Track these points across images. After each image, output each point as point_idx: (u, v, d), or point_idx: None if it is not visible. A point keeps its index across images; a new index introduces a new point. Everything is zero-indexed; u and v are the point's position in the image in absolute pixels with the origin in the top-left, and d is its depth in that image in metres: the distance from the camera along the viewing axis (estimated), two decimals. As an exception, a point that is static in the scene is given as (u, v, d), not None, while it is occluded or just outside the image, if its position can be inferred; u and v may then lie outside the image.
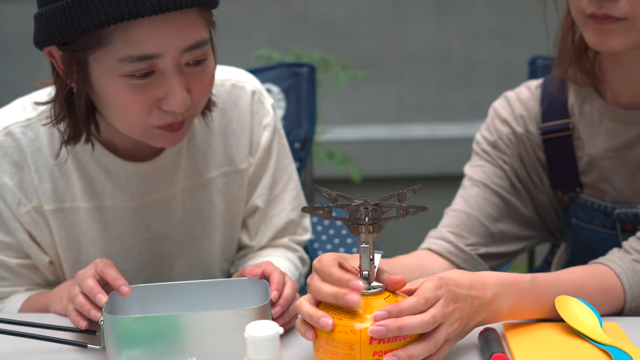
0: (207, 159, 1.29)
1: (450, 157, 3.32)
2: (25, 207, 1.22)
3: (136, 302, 1.10)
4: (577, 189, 1.33)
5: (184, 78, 1.09)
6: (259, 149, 1.32)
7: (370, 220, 0.95)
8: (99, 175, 1.24)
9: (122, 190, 1.25)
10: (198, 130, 1.28)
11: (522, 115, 1.35)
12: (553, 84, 1.34)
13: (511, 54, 3.34)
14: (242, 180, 1.33)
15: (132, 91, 1.07)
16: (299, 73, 1.79)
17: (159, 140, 1.14)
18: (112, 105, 1.10)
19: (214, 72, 1.14)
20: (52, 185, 1.22)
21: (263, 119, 1.32)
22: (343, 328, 0.92)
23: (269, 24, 3.40)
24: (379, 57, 3.41)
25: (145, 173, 1.25)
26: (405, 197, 0.98)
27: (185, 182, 1.28)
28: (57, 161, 1.21)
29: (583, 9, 1.16)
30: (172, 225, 1.30)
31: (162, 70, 1.07)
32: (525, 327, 1.09)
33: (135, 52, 1.05)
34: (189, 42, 1.07)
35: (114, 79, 1.06)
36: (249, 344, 0.85)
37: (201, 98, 1.13)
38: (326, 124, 3.13)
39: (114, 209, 1.26)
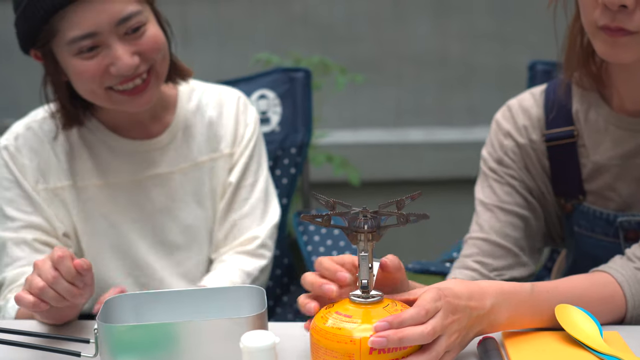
0: (200, 145, 1.47)
1: (449, 161, 3.31)
2: (43, 185, 1.40)
3: (131, 310, 1.09)
4: (580, 196, 1.32)
5: (127, 45, 1.30)
6: (243, 141, 1.49)
7: (370, 228, 0.94)
8: (106, 155, 1.43)
9: (125, 167, 1.43)
10: (192, 121, 1.48)
11: (525, 126, 1.33)
12: (558, 89, 1.32)
13: (510, 57, 3.33)
14: (225, 164, 1.49)
15: (84, 63, 1.29)
16: (294, 78, 1.78)
17: (128, 105, 1.34)
18: (74, 79, 1.32)
19: (156, 34, 1.33)
20: (68, 165, 1.41)
21: (247, 118, 1.51)
22: (342, 338, 0.91)
23: (268, 27, 3.39)
24: (378, 61, 3.40)
25: (145, 150, 1.43)
26: (403, 204, 0.97)
27: (182, 163, 1.46)
28: (71, 145, 1.42)
29: (595, 21, 1.14)
30: (173, 202, 1.45)
31: (105, 43, 1.29)
32: (525, 336, 1.07)
33: (76, 34, 1.27)
34: (118, 17, 1.28)
35: (70, 58, 1.30)
36: (244, 354, 0.84)
37: (149, 56, 1.31)
38: (325, 127, 3.12)
39: (119, 185, 1.43)
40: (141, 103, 1.34)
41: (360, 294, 0.96)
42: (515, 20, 3.34)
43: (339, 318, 0.93)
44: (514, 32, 3.34)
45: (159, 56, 1.33)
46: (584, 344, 1.03)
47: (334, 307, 0.96)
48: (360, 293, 0.96)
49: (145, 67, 1.32)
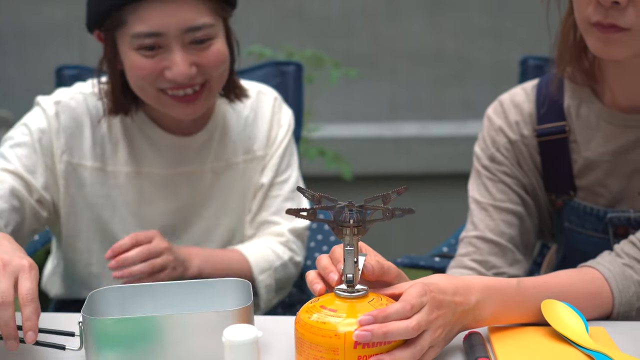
0: (235, 145, 1.49)
1: (442, 156, 3.31)
2: (67, 158, 1.40)
3: (116, 303, 1.08)
4: (571, 192, 1.32)
5: (188, 54, 1.29)
6: (275, 142, 1.51)
7: (355, 222, 0.94)
8: (142, 144, 1.43)
9: (160, 158, 1.44)
10: (230, 122, 1.49)
11: (516, 121, 1.33)
12: (550, 84, 1.32)
13: (505, 53, 3.33)
14: (257, 166, 1.51)
15: (142, 59, 1.29)
16: (285, 72, 1.78)
17: (174, 110, 1.34)
18: (129, 72, 1.32)
19: (220, 51, 1.32)
20: (100, 148, 1.42)
21: (281, 119, 1.53)
22: (327, 332, 0.91)
23: (262, 21, 3.39)
24: (373, 55, 3.40)
25: (182, 146, 1.45)
26: (389, 198, 0.96)
27: (215, 163, 1.47)
28: (110, 128, 1.42)
29: (588, 17, 1.14)
30: (199, 199, 1.46)
31: (166, 46, 1.29)
32: (510, 330, 1.07)
33: (142, 30, 1.27)
34: (189, 24, 1.28)
35: (129, 51, 1.30)
36: (226, 348, 0.84)
37: (210, 71, 1.31)
38: (318, 121, 3.12)
39: (150, 175, 1.44)
40: (187, 112, 1.34)
41: (345, 288, 0.96)
42: (509, 16, 3.34)
43: (324, 312, 0.93)
44: (508, 28, 3.34)
45: (217, 72, 1.33)
46: (570, 340, 1.03)
47: (319, 301, 0.96)
48: (345, 287, 0.96)
49: (201, 79, 1.31)
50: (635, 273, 1.15)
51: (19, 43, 3.45)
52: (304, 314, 0.94)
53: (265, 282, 1.46)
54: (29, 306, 0.96)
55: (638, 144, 1.26)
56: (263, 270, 1.46)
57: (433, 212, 3.24)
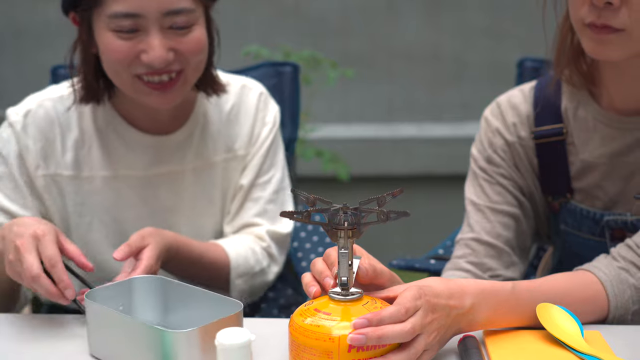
0: (216, 144, 1.44)
1: (440, 157, 3.31)
2: (42, 172, 1.36)
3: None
4: (568, 195, 1.31)
5: (166, 39, 1.25)
6: (258, 141, 1.46)
7: (350, 225, 0.93)
8: (117, 146, 1.39)
9: (137, 160, 1.39)
10: (211, 118, 1.44)
11: (514, 123, 1.33)
12: (548, 86, 1.32)
13: (502, 53, 3.33)
14: (238, 165, 1.46)
15: (118, 42, 1.25)
16: (282, 72, 1.77)
17: (151, 99, 1.29)
18: (103, 55, 1.28)
19: (200, 38, 1.29)
20: (74, 154, 1.37)
21: (266, 116, 1.47)
22: (321, 335, 0.91)
23: (259, 20, 3.38)
24: (370, 56, 3.39)
25: (159, 146, 1.40)
26: (384, 201, 0.96)
27: (195, 162, 1.42)
28: (82, 132, 1.37)
29: (582, 18, 1.14)
30: (181, 200, 1.42)
31: (144, 29, 1.24)
32: (506, 334, 1.07)
33: (120, 10, 1.23)
34: (168, 7, 1.24)
35: (106, 32, 1.26)
36: (219, 352, 0.83)
37: (186, 57, 1.27)
38: (315, 122, 3.12)
39: (128, 179, 1.39)
40: (162, 101, 1.30)
41: (339, 291, 0.95)
42: (507, 16, 3.34)
43: (318, 315, 0.93)
44: (506, 28, 3.34)
45: (195, 61, 1.29)
46: (565, 344, 1.02)
47: (313, 304, 0.96)
48: (339, 290, 0.95)
49: (178, 66, 1.27)
50: (631, 276, 1.14)
51: (15, 42, 3.44)
52: (298, 317, 0.94)
53: (240, 286, 1.41)
54: (55, 269, 1.07)
55: (635, 146, 1.26)
56: (241, 274, 1.40)
57: (430, 213, 3.24)
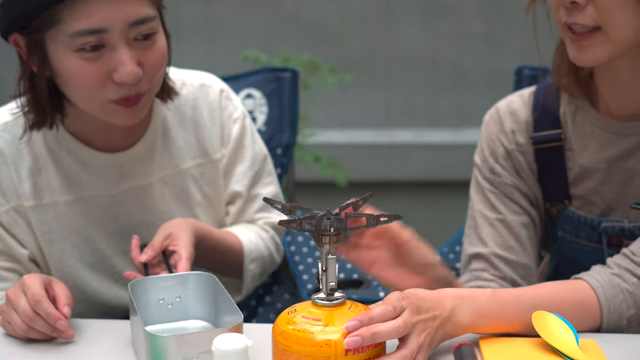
0: (182, 150, 1.38)
1: (437, 163, 3.32)
2: (4, 207, 1.29)
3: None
4: (566, 201, 1.32)
5: (134, 51, 1.17)
6: (231, 141, 1.41)
7: (336, 230, 0.94)
8: (76, 169, 1.31)
9: (98, 180, 1.32)
10: (172, 124, 1.37)
11: (512, 130, 1.33)
12: (546, 92, 1.32)
13: (500, 60, 3.34)
14: (217, 169, 1.41)
15: (85, 64, 1.16)
16: (281, 78, 1.77)
17: (118, 117, 1.22)
18: (69, 80, 1.18)
19: (164, 47, 1.23)
20: (31, 183, 1.29)
21: (232, 113, 1.42)
22: (317, 342, 0.91)
23: (259, 25, 3.39)
24: (368, 61, 3.40)
25: (120, 163, 1.32)
26: (357, 205, 0.99)
27: (162, 172, 1.36)
28: (35, 159, 1.29)
29: (560, 19, 1.18)
30: (152, 214, 1.36)
31: (111, 44, 1.16)
32: (501, 342, 1.07)
33: (83, 27, 1.14)
34: (133, 18, 1.16)
35: (67, 54, 1.15)
36: (216, 357, 0.84)
37: (153, 71, 1.21)
38: (314, 127, 3.12)
39: (93, 199, 1.32)
40: (129, 118, 1.22)
41: (324, 297, 0.96)
42: (505, 23, 3.35)
43: (307, 322, 0.93)
44: (504, 34, 3.35)
45: (159, 75, 1.23)
46: (560, 351, 1.03)
47: (297, 311, 0.96)
48: (323, 296, 0.96)
49: (146, 84, 1.20)
50: (624, 282, 1.15)
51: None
52: (285, 325, 0.94)
53: (252, 271, 1.41)
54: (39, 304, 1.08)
55: (632, 151, 1.26)
56: (253, 259, 1.41)
57: (427, 219, 3.24)
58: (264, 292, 1.67)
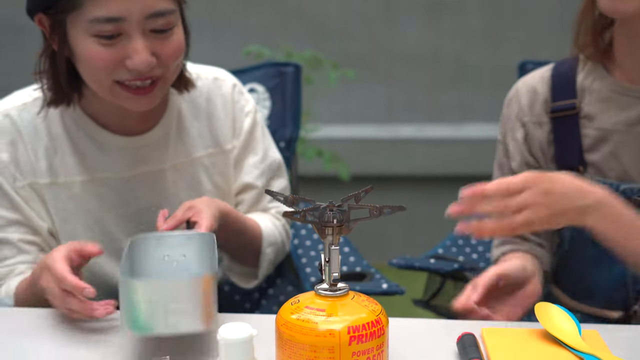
0: (195, 140, 1.42)
1: (439, 158, 3.32)
2: (21, 183, 1.33)
3: None
4: (580, 167, 1.37)
5: (149, 42, 1.21)
6: (242, 133, 1.45)
7: (339, 222, 0.95)
8: (91, 150, 1.35)
9: (113, 163, 1.36)
10: (186, 114, 1.41)
11: (530, 104, 1.41)
12: (564, 66, 1.41)
13: (502, 56, 3.35)
14: (228, 160, 1.45)
15: (100, 48, 1.20)
16: (284, 72, 1.78)
17: (130, 102, 1.26)
18: (83, 61, 1.23)
19: (180, 41, 1.26)
20: (47, 162, 1.33)
21: (244, 107, 1.46)
22: (321, 332, 0.92)
23: (262, 21, 3.39)
24: (370, 57, 3.41)
25: (135, 147, 1.36)
26: (360, 198, 0.99)
27: (175, 160, 1.40)
28: (52, 139, 1.33)
29: None
30: (163, 199, 1.39)
31: (127, 33, 1.20)
32: (504, 332, 1.08)
33: (102, 14, 1.18)
34: (151, 10, 1.20)
35: (85, 37, 1.20)
36: (221, 346, 0.84)
37: (167, 62, 1.24)
38: (316, 122, 3.13)
39: (106, 181, 1.36)
40: (142, 104, 1.26)
41: (327, 287, 0.96)
42: (507, 19, 3.35)
43: (311, 312, 0.94)
44: (505, 30, 3.35)
45: (174, 65, 1.26)
46: (562, 342, 1.04)
47: (300, 302, 0.97)
48: (327, 287, 0.96)
49: (159, 71, 1.24)
50: None
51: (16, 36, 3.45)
52: (288, 315, 0.95)
53: (269, 255, 1.44)
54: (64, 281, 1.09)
55: None
56: (270, 243, 1.44)
57: (429, 213, 3.25)
58: (267, 285, 1.68)
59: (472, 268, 1.54)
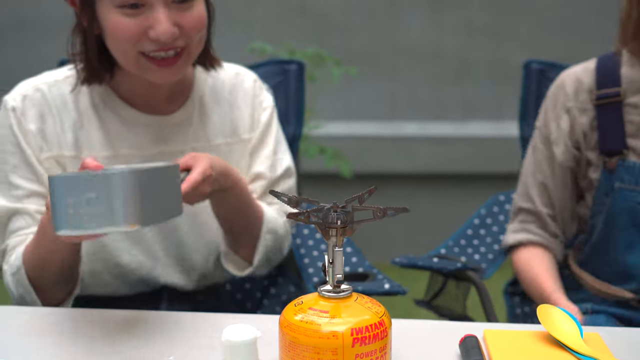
0: (215, 126, 1.46)
1: (441, 156, 3.32)
2: (46, 154, 1.37)
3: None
4: (624, 151, 1.45)
5: (171, 13, 1.27)
6: (260, 126, 1.50)
7: (343, 223, 0.95)
8: (117, 126, 1.40)
9: (137, 140, 1.40)
10: (209, 101, 1.47)
11: (575, 92, 1.49)
12: (608, 59, 1.49)
13: (505, 52, 3.34)
14: (244, 149, 1.49)
15: (124, 19, 1.27)
16: (287, 70, 1.78)
17: (154, 75, 1.31)
18: (110, 34, 1.29)
19: (201, 13, 1.31)
20: (73, 135, 1.38)
21: (263, 101, 1.51)
22: (324, 334, 0.92)
23: (265, 17, 3.39)
24: (373, 53, 3.40)
25: (160, 125, 1.41)
26: (363, 199, 0.99)
27: (195, 143, 1.44)
28: (80, 114, 1.39)
29: None
30: None
31: (149, 3, 1.26)
32: (506, 334, 1.08)
33: None
34: None
35: (111, 9, 1.27)
36: (225, 348, 0.84)
37: (190, 33, 1.30)
38: (319, 119, 3.13)
39: (128, 158, 1.40)
40: (167, 75, 1.31)
41: (330, 289, 0.97)
42: (510, 15, 3.35)
43: (314, 314, 0.94)
44: (509, 27, 3.35)
45: (197, 37, 1.32)
46: (564, 344, 1.04)
47: (303, 303, 0.97)
48: (330, 288, 0.97)
49: (182, 42, 1.29)
50: None
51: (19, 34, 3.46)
52: (291, 316, 0.95)
53: (267, 242, 1.44)
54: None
55: None
56: (270, 230, 1.44)
57: (431, 211, 3.25)
58: (268, 284, 1.68)
59: (474, 268, 1.54)
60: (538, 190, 1.54)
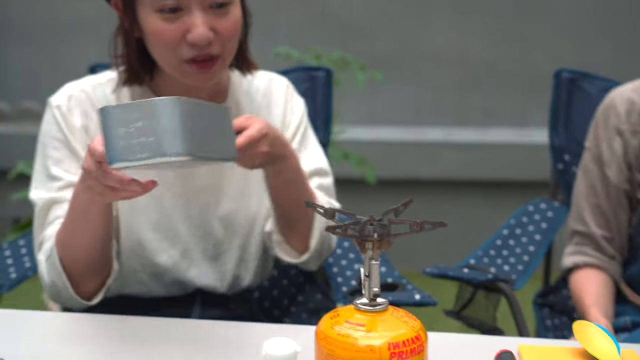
0: None
1: (465, 162, 3.30)
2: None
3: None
4: None
5: (207, 17, 1.31)
6: (290, 128, 1.52)
7: (379, 236, 0.95)
8: None
9: None
10: (244, 105, 1.50)
11: (627, 112, 1.48)
12: None
13: (530, 59, 3.32)
14: None
15: (164, 23, 1.30)
16: (315, 77, 1.78)
17: (193, 78, 1.34)
18: (151, 38, 1.33)
19: (237, 18, 1.35)
20: None
21: (294, 106, 1.54)
22: (361, 347, 0.91)
23: (290, 22, 3.39)
24: (398, 58, 3.39)
25: None
26: (399, 212, 0.99)
27: None
28: None
29: None
30: (218, 179, 1.46)
31: (187, 8, 1.30)
32: (542, 350, 1.07)
33: None
34: None
35: (150, 13, 1.31)
36: (264, 362, 0.84)
37: (225, 37, 1.33)
38: (343, 124, 3.12)
39: None
40: (205, 78, 1.34)
41: (367, 302, 0.96)
42: (536, 22, 3.33)
43: (351, 327, 0.93)
44: (535, 34, 3.33)
45: (232, 42, 1.35)
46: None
47: (339, 316, 0.96)
48: (366, 301, 0.96)
49: (217, 50, 1.32)
50: None
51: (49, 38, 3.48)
52: (329, 329, 0.94)
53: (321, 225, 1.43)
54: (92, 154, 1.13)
55: None
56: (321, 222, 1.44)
57: (456, 218, 3.23)
58: (296, 291, 1.68)
59: (505, 280, 1.53)
60: (592, 213, 1.53)
